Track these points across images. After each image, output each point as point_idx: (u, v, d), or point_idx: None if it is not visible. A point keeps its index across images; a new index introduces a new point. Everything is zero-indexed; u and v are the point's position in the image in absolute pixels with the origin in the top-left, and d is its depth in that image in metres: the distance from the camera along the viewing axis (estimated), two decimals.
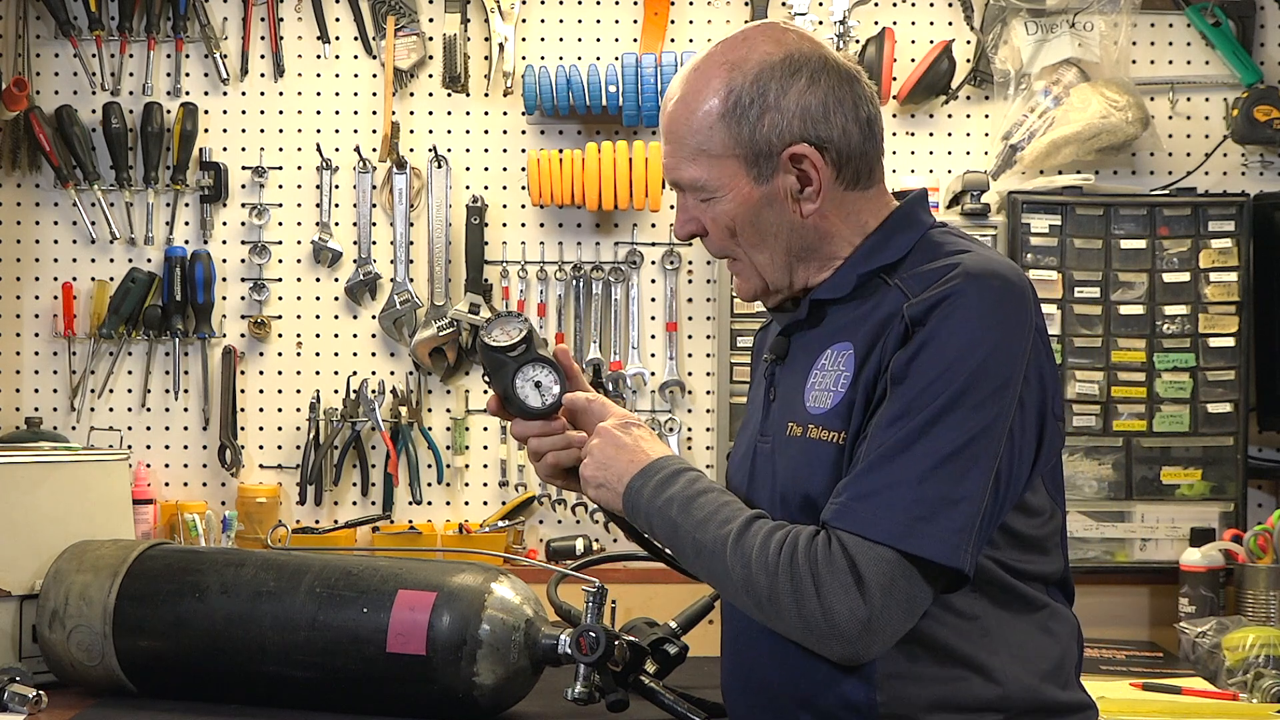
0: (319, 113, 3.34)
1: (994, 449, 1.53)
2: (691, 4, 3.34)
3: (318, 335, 3.34)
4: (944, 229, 1.69)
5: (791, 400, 1.67)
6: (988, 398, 1.53)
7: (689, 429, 3.32)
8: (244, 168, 3.33)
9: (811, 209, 1.66)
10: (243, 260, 3.33)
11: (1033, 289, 1.61)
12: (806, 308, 1.69)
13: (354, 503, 3.32)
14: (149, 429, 3.32)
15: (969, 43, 3.31)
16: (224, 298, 3.32)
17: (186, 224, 3.33)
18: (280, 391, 3.34)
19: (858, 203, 1.68)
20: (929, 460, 1.51)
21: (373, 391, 3.28)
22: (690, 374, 3.32)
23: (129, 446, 3.25)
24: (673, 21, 3.32)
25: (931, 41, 3.29)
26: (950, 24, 3.32)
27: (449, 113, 3.34)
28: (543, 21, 3.34)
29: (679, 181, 1.69)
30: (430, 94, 3.34)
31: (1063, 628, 1.66)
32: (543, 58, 3.31)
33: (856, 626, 1.51)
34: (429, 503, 3.32)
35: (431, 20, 3.33)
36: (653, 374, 3.31)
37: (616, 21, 3.34)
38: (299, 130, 3.34)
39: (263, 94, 3.34)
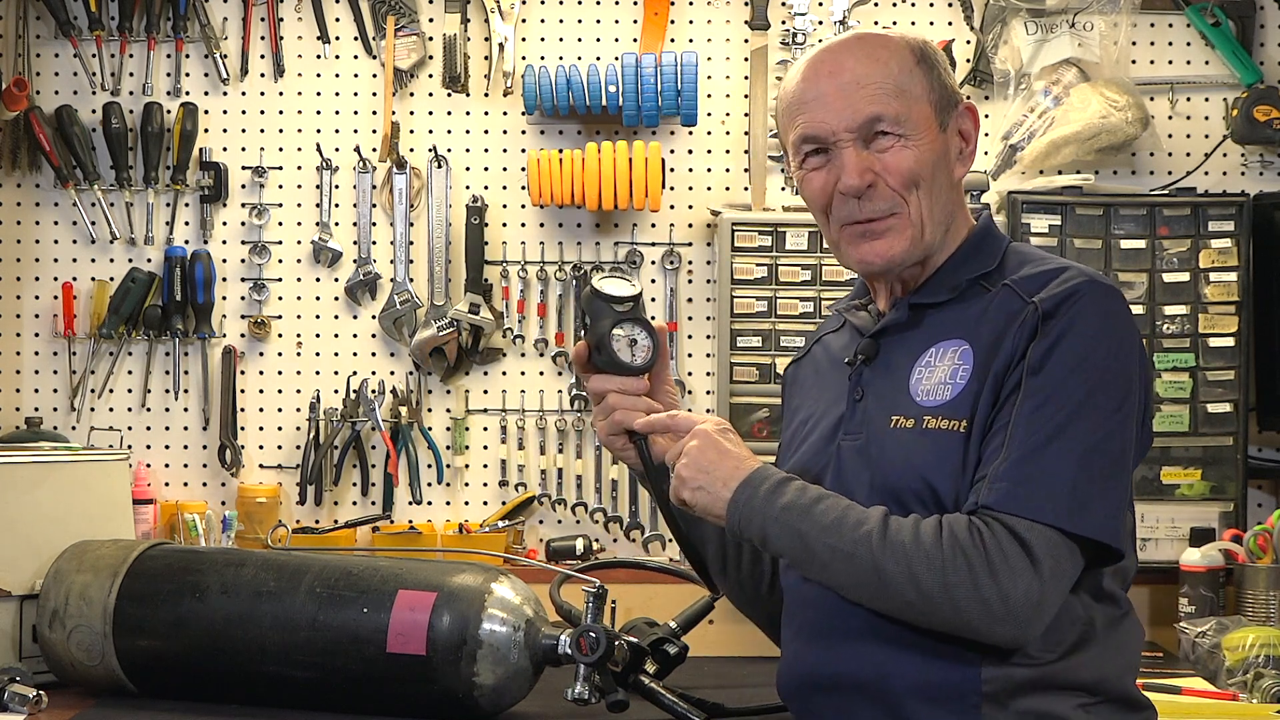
0: (319, 113, 3.34)
1: (1129, 438, 1.64)
2: (691, 4, 3.34)
3: (318, 335, 3.34)
4: (1018, 243, 1.82)
5: (891, 396, 1.72)
6: (1121, 390, 1.63)
7: None
8: (244, 168, 3.33)
9: (963, 172, 1.78)
10: (243, 260, 3.33)
11: None
12: (906, 310, 1.76)
13: (354, 503, 3.32)
14: (149, 429, 3.32)
15: (969, 43, 3.31)
16: (224, 298, 3.32)
17: (186, 224, 3.33)
18: (280, 391, 3.33)
19: (960, 194, 1.80)
20: (1082, 447, 1.60)
21: (373, 391, 3.28)
22: (690, 374, 3.32)
23: (129, 446, 3.25)
24: (673, 21, 3.32)
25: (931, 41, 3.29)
26: (950, 24, 3.32)
27: (449, 113, 3.34)
28: (543, 21, 3.34)
29: (881, 114, 1.72)
30: (430, 94, 3.34)
31: (1137, 629, 1.75)
32: (543, 58, 3.31)
33: (1030, 608, 1.58)
34: (429, 503, 3.31)
35: (431, 20, 3.33)
36: None
37: (616, 21, 3.34)
38: (299, 130, 3.34)
39: (263, 94, 3.34)
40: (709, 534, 1.90)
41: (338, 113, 3.34)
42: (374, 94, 3.33)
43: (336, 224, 3.33)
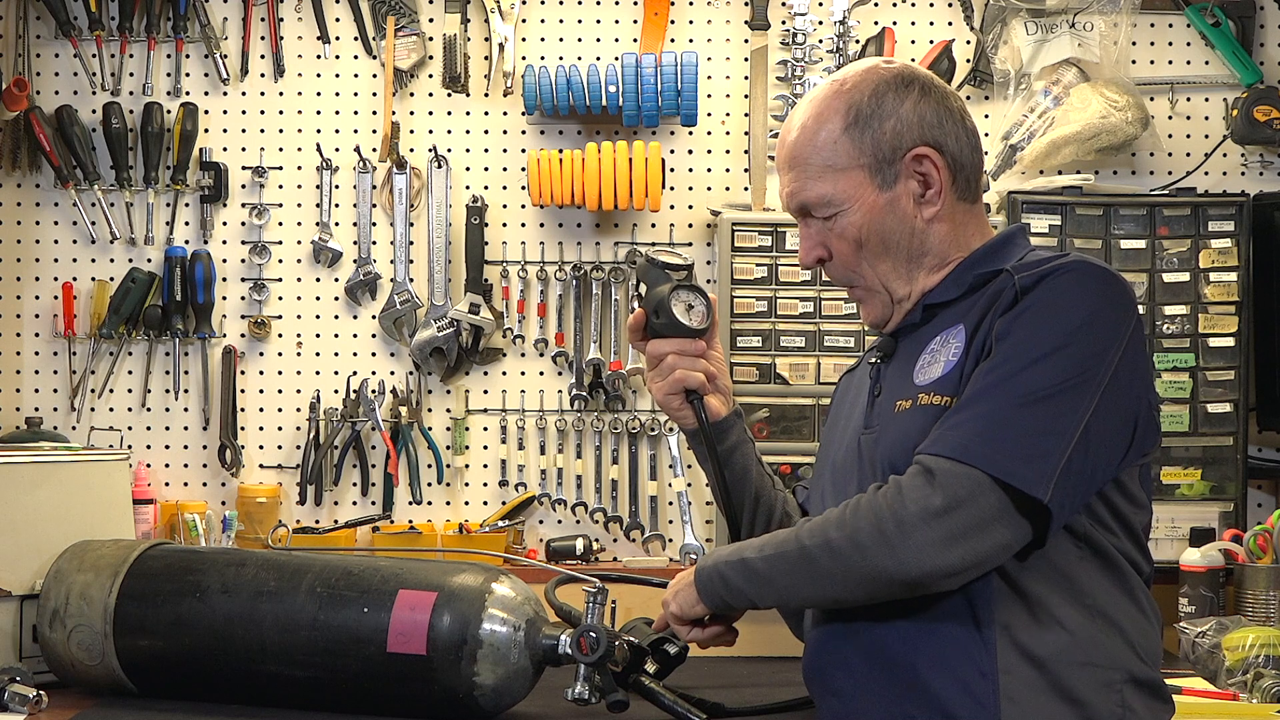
0: (319, 113, 3.34)
1: (1084, 402, 1.62)
2: (691, 4, 3.34)
3: (318, 335, 3.34)
4: (1042, 249, 1.84)
5: (899, 385, 1.78)
6: (1084, 355, 1.63)
7: None
8: (244, 168, 3.33)
9: (932, 212, 1.79)
10: (243, 260, 3.34)
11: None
12: (920, 311, 1.81)
13: (354, 503, 3.32)
14: (149, 429, 3.32)
15: (969, 43, 3.31)
16: (224, 298, 3.33)
17: (186, 224, 3.33)
18: (280, 391, 3.34)
19: (967, 215, 1.83)
20: (1020, 399, 1.61)
21: (373, 391, 3.28)
22: None
23: (129, 446, 3.25)
24: (673, 21, 3.32)
25: (931, 41, 3.29)
26: (950, 24, 3.33)
27: (449, 113, 3.34)
28: (543, 21, 3.34)
29: (806, 203, 1.81)
30: (430, 94, 3.34)
31: (1157, 618, 1.76)
32: (543, 58, 3.31)
33: (926, 518, 1.59)
34: (429, 503, 3.32)
35: (431, 20, 3.33)
36: None
37: (616, 21, 3.34)
38: (299, 130, 3.34)
39: (263, 94, 3.34)
40: (746, 501, 2.01)
41: (338, 113, 3.34)
42: (374, 94, 3.33)
43: (336, 224, 3.33)
